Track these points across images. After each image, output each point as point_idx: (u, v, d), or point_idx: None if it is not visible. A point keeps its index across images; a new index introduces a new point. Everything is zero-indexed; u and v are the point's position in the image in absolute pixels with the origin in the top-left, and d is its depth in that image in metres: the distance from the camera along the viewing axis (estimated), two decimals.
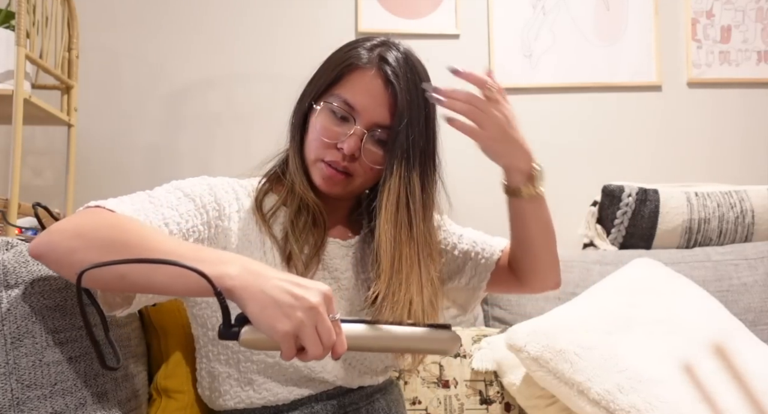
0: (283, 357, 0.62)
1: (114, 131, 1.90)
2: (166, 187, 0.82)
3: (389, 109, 0.83)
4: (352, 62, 0.84)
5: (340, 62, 0.85)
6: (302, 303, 0.61)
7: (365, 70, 0.84)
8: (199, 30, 1.94)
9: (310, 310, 0.61)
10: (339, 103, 0.83)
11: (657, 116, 2.01)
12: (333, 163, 0.84)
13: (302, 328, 0.60)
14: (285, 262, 0.83)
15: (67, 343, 0.74)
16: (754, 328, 1.33)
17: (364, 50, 0.85)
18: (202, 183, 0.84)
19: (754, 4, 2.04)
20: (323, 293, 0.63)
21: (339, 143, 0.83)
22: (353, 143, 0.82)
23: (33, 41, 1.56)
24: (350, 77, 0.84)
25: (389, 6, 1.96)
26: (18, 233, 1.27)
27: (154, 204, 0.76)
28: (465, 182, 1.94)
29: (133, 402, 0.86)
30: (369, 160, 0.84)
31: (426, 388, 1.20)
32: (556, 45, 1.99)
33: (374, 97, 0.83)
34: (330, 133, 0.83)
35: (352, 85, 0.83)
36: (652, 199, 1.57)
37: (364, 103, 0.83)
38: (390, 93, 0.83)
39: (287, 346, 0.61)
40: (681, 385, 1.01)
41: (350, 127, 0.83)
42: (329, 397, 0.86)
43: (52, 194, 1.86)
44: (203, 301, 0.84)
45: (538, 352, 1.05)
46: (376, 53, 0.85)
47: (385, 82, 0.83)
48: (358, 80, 0.83)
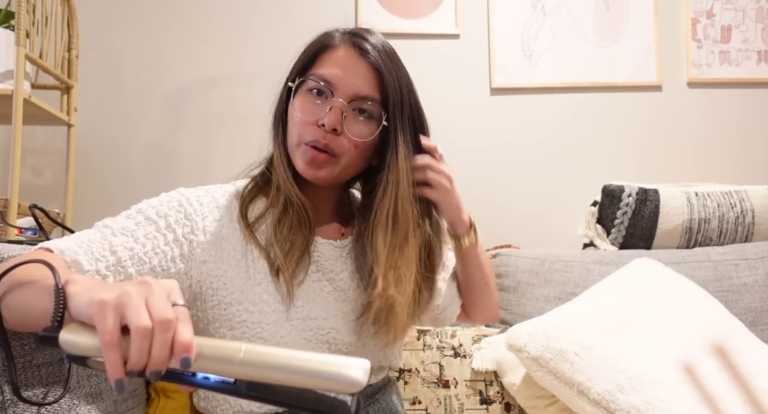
0: (103, 344, 0.48)
1: (114, 131, 1.90)
2: (128, 212, 0.81)
3: (367, 80, 0.83)
4: (325, 43, 0.85)
5: (313, 47, 0.86)
6: (133, 282, 0.53)
7: (338, 47, 0.84)
8: (200, 30, 1.94)
9: (141, 283, 0.52)
10: (315, 79, 0.83)
11: (657, 116, 2.01)
12: (315, 143, 0.81)
13: (126, 298, 0.49)
14: (274, 274, 0.81)
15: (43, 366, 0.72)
16: (754, 328, 1.32)
17: (337, 32, 0.86)
18: (172, 200, 0.83)
19: (754, 4, 2.04)
20: (166, 281, 0.55)
21: (320, 120, 0.81)
22: (334, 116, 0.80)
23: (33, 41, 1.56)
24: (324, 56, 0.84)
25: (389, 6, 1.96)
26: (18, 233, 1.27)
27: (104, 234, 0.75)
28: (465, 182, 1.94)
29: (130, 402, 0.86)
30: (353, 134, 0.82)
31: (426, 388, 1.20)
32: (556, 45, 1.99)
33: (349, 69, 0.82)
34: (309, 110, 0.82)
35: (325, 62, 0.84)
36: (652, 199, 1.57)
37: (339, 75, 0.82)
38: (366, 63, 0.83)
39: (106, 320, 0.48)
40: (681, 385, 1.00)
41: (329, 101, 0.82)
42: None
43: (52, 194, 1.86)
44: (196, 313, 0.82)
45: (538, 352, 1.05)
46: (348, 32, 0.86)
47: (359, 54, 0.83)
48: (332, 56, 0.84)
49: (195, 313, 0.82)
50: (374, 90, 0.83)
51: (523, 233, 1.91)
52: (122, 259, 0.73)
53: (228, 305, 0.80)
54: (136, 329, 0.48)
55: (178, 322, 0.50)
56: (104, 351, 0.48)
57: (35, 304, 0.59)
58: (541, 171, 1.97)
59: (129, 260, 0.74)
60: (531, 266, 1.45)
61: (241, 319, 0.80)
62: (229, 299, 0.80)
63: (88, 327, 0.51)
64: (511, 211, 1.94)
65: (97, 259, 0.72)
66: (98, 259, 0.72)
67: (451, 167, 0.93)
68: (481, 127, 1.97)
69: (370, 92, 0.82)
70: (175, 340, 0.49)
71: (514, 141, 1.98)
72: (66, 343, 0.51)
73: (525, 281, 1.43)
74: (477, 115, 1.98)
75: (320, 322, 0.83)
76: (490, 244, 1.73)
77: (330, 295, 0.85)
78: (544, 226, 1.94)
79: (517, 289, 1.42)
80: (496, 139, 1.97)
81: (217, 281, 0.80)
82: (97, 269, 0.71)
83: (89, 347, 0.51)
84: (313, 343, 0.82)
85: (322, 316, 0.83)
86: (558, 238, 1.92)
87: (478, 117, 1.97)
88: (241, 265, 0.82)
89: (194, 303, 0.81)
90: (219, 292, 0.80)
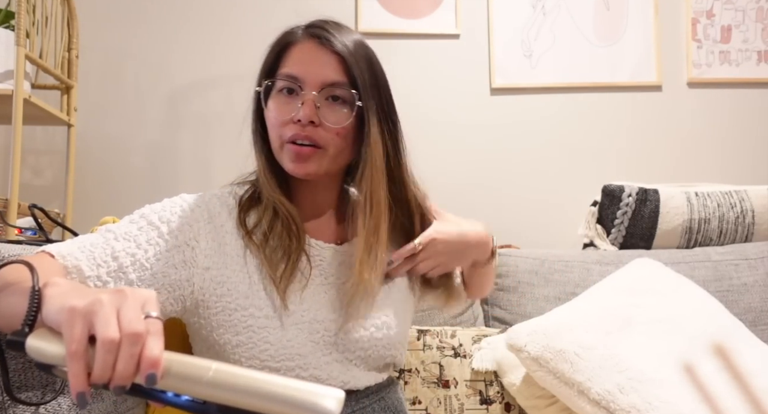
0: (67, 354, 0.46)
1: (114, 131, 1.90)
2: (131, 217, 0.81)
3: (332, 66, 0.83)
4: (285, 41, 0.86)
5: (274, 48, 0.87)
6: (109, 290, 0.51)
7: (298, 42, 0.85)
8: (200, 30, 1.94)
9: (116, 292, 0.50)
10: (283, 79, 0.84)
11: (657, 116, 2.01)
12: (295, 137, 0.81)
13: (96, 306, 0.47)
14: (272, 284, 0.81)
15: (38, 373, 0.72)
16: (754, 328, 1.33)
17: (297, 29, 0.87)
18: (174, 206, 0.83)
19: (754, 4, 2.04)
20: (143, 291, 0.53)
21: (295, 116, 0.81)
22: (308, 109, 0.80)
23: (33, 41, 1.56)
24: (286, 55, 0.85)
25: (389, 6, 1.96)
26: (18, 233, 1.27)
27: (106, 238, 0.75)
28: (465, 183, 1.95)
29: (130, 402, 0.86)
30: (331, 122, 0.82)
31: (426, 388, 1.20)
32: (556, 45, 1.99)
33: (313, 60, 0.83)
34: (283, 110, 0.83)
35: (289, 60, 0.84)
36: (652, 199, 1.57)
37: (303, 68, 0.83)
38: (328, 51, 0.83)
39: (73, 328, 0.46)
40: (681, 385, 1.00)
41: (300, 96, 0.82)
42: None
43: (52, 194, 1.86)
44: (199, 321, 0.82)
45: (538, 352, 1.05)
46: (303, 26, 0.87)
47: (319, 43, 0.84)
48: (295, 53, 0.85)
49: (197, 320, 0.81)
50: (341, 74, 0.83)
51: (523, 233, 1.91)
52: (124, 266, 0.73)
53: (233, 311, 0.80)
54: (102, 341, 0.46)
55: (148, 335, 0.47)
56: (69, 361, 0.46)
57: (18, 305, 0.57)
58: (541, 171, 1.97)
59: (131, 266, 0.73)
60: (531, 266, 1.45)
61: (247, 325, 0.79)
62: (234, 305, 0.80)
63: (58, 334, 0.49)
64: (511, 211, 1.94)
65: (98, 264, 0.71)
66: (100, 265, 0.72)
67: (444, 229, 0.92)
68: (481, 127, 1.97)
69: (338, 77, 0.83)
70: (142, 355, 0.46)
71: (514, 141, 1.98)
72: (32, 349, 0.49)
73: (525, 281, 1.43)
74: (477, 115, 1.98)
75: (327, 324, 0.83)
76: None
77: (335, 300, 0.85)
78: (544, 226, 1.94)
79: (517, 289, 1.42)
80: (496, 139, 1.97)
81: (221, 287, 0.80)
82: (98, 275, 0.71)
83: (54, 355, 0.49)
84: (321, 345, 0.82)
85: (329, 319, 0.83)
86: (558, 238, 1.92)
87: (478, 117, 1.97)
88: (244, 271, 0.82)
89: (196, 310, 0.81)
90: (223, 298, 0.80)
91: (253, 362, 0.79)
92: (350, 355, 0.84)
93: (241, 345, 0.79)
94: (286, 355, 0.79)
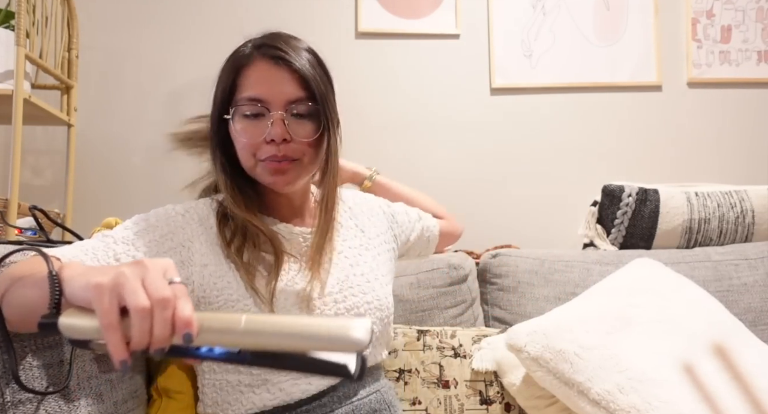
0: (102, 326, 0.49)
1: (114, 131, 1.90)
2: (125, 224, 0.85)
3: (291, 83, 0.85)
4: (238, 64, 0.87)
5: (228, 72, 0.88)
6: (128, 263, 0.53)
7: (252, 64, 0.86)
8: (199, 30, 1.94)
9: (135, 264, 0.52)
10: (246, 103, 0.85)
11: (657, 116, 2.01)
12: (272, 157, 0.85)
13: (122, 279, 0.50)
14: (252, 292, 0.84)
15: (56, 347, 0.73)
16: (754, 328, 1.32)
17: (245, 49, 0.88)
18: (166, 213, 0.87)
19: (754, 4, 2.04)
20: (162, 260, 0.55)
21: (267, 137, 0.84)
22: (279, 129, 0.83)
23: (33, 41, 1.56)
24: (243, 78, 0.86)
25: (389, 6, 1.96)
26: (18, 233, 1.27)
27: (106, 243, 0.79)
28: (465, 183, 1.95)
29: (131, 403, 0.86)
30: (302, 136, 0.85)
31: (426, 388, 1.20)
32: (556, 45, 1.99)
33: (272, 79, 0.84)
34: (252, 133, 0.85)
35: (248, 82, 0.85)
36: (652, 199, 1.57)
37: (266, 89, 0.84)
38: (284, 69, 0.85)
39: (103, 302, 0.49)
40: (681, 385, 1.00)
41: (268, 117, 0.84)
42: (334, 388, 0.87)
43: (52, 194, 1.86)
44: None
45: (538, 352, 1.05)
46: (250, 46, 0.88)
47: (274, 63, 0.85)
48: (252, 75, 0.85)
49: None
50: (301, 90, 0.85)
51: (523, 233, 1.91)
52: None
53: (236, 302, 0.82)
54: (135, 310, 0.48)
55: (177, 299, 0.50)
56: (105, 333, 0.49)
57: (33, 295, 0.60)
58: (541, 171, 1.97)
59: None
60: (531, 266, 1.45)
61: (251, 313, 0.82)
62: (236, 296, 0.83)
63: (87, 311, 0.52)
64: (511, 211, 1.94)
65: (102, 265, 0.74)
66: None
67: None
68: (481, 127, 1.97)
69: (299, 94, 0.85)
70: (175, 317, 0.49)
71: (514, 141, 1.98)
72: (66, 327, 0.51)
73: (525, 281, 1.43)
74: (477, 115, 1.98)
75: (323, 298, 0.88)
76: (491, 244, 1.73)
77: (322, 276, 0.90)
78: (544, 226, 1.94)
79: (517, 289, 1.42)
80: (496, 139, 1.97)
81: (221, 281, 0.83)
82: None
83: (89, 330, 0.51)
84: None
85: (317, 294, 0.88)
86: (558, 238, 1.92)
87: (478, 117, 1.97)
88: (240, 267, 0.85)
89: (198, 307, 0.83)
90: (224, 291, 0.83)
91: None
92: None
93: None
94: None
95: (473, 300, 1.42)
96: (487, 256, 1.51)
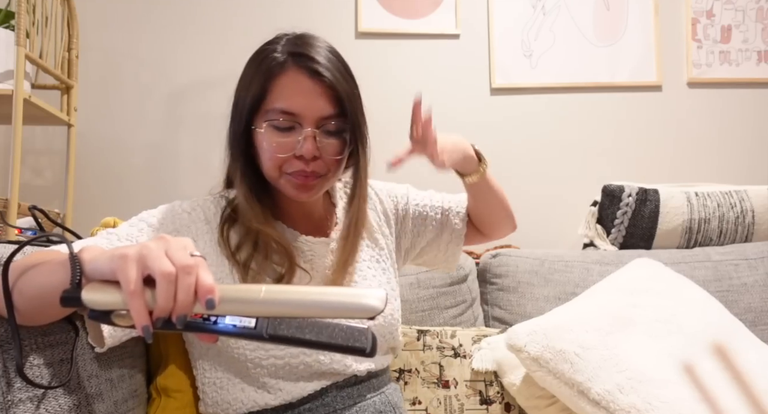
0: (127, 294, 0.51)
1: (114, 131, 1.90)
2: (130, 222, 0.85)
3: (325, 99, 0.83)
4: (269, 71, 0.83)
5: (260, 75, 0.84)
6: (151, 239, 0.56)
7: (286, 72, 0.82)
8: (199, 30, 1.94)
9: (158, 239, 0.55)
10: (279, 115, 0.82)
11: (657, 116, 2.01)
12: (300, 172, 0.83)
13: (146, 250, 0.52)
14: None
15: (57, 345, 0.73)
16: (754, 328, 1.33)
17: (277, 54, 0.84)
18: (171, 210, 0.87)
19: (754, 4, 2.04)
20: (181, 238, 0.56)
21: (296, 152, 0.82)
22: (310, 146, 0.82)
23: (33, 41, 1.56)
24: (275, 85, 0.82)
25: (389, 6, 1.96)
26: (18, 233, 1.27)
27: (110, 240, 0.80)
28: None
29: (131, 402, 0.86)
30: (330, 154, 0.84)
31: (426, 388, 1.20)
32: (556, 45, 1.99)
33: (308, 95, 0.82)
34: (283, 147, 0.83)
35: (281, 93, 0.82)
36: (652, 199, 1.57)
37: (302, 104, 0.82)
38: (319, 83, 0.82)
39: (128, 271, 0.51)
40: (681, 385, 1.00)
41: (299, 132, 0.82)
42: (339, 387, 0.87)
43: (52, 194, 1.86)
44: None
45: (538, 352, 1.05)
46: (283, 50, 0.84)
47: (309, 75, 0.82)
48: (285, 85, 0.82)
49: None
50: (334, 106, 0.83)
51: (523, 233, 1.90)
52: None
53: None
54: (161, 274, 0.50)
55: (198, 268, 0.52)
56: (129, 300, 0.50)
57: (48, 281, 0.60)
58: (541, 171, 1.97)
59: None
60: (531, 266, 1.45)
61: None
62: None
63: (109, 283, 0.53)
64: None
65: None
66: None
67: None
68: (481, 127, 1.97)
69: (332, 110, 0.83)
70: (198, 284, 0.51)
71: (514, 141, 1.98)
72: (89, 299, 0.53)
73: (525, 281, 1.43)
74: (477, 115, 1.97)
75: None
76: (491, 244, 1.73)
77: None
78: (544, 226, 1.94)
79: (517, 289, 1.42)
80: (496, 139, 1.97)
81: (221, 283, 0.82)
82: None
83: (112, 301, 0.53)
84: None
85: None
86: (558, 238, 1.92)
87: (478, 117, 1.97)
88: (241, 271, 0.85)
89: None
90: None
91: (259, 353, 0.82)
92: None
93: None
94: None
95: (473, 300, 1.42)
96: (487, 256, 1.51)
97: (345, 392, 0.87)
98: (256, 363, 0.82)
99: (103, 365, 0.80)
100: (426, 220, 1.08)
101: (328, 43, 0.88)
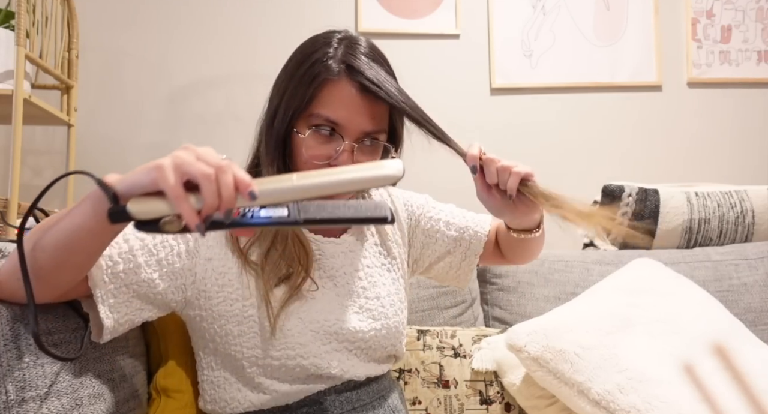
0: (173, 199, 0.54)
1: (114, 131, 1.90)
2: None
3: (371, 115, 0.83)
4: (323, 77, 0.81)
5: (310, 78, 0.82)
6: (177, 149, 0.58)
7: (337, 82, 0.81)
8: (199, 30, 1.94)
9: (183, 148, 0.57)
10: (323, 122, 0.82)
11: (657, 116, 2.01)
12: None
13: (179, 158, 0.55)
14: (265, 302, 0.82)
15: (61, 344, 0.73)
16: (754, 328, 1.32)
17: (331, 62, 0.82)
18: None
19: (754, 4, 2.04)
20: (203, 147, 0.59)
21: (332, 161, 0.82)
22: (346, 159, 0.82)
23: (33, 41, 1.56)
24: (324, 92, 0.82)
25: (389, 6, 1.96)
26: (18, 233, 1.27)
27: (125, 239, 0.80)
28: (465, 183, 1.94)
29: (132, 402, 0.86)
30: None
31: (426, 388, 1.20)
32: (556, 45, 1.99)
33: (354, 108, 0.82)
34: (321, 154, 0.83)
35: (329, 101, 0.81)
36: (652, 199, 1.57)
37: (346, 116, 0.81)
38: (369, 98, 0.82)
39: (168, 179, 0.54)
40: (681, 385, 1.00)
41: (338, 142, 0.82)
42: (338, 391, 0.86)
43: (52, 194, 1.85)
44: (200, 313, 0.83)
45: (538, 352, 1.05)
46: (337, 58, 0.82)
47: (359, 90, 0.81)
48: (335, 94, 0.81)
49: (198, 312, 0.83)
50: (380, 123, 0.84)
51: None
52: (134, 248, 0.76)
53: (234, 301, 0.82)
54: (203, 176, 0.53)
55: (233, 166, 0.55)
56: (177, 204, 0.54)
57: (75, 221, 0.62)
58: (541, 171, 1.95)
59: (139, 250, 0.76)
60: (531, 266, 1.45)
61: (248, 315, 0.82)
62: (235, 295, 0.82)
63: (149, 195, 0.57)
64: None
65: (110, 245, 0.73)
66: (111, 246, 0.74)
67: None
68: (481, 127, 1.97)
69: (376, 127, 0.83)
70: (236, 179, 0.54)
71: (513, 141, 1.98)
72: (136, 210, 0.56)
73: (525, 281, 1.43)
74: (477, 115, 1.98)
75: (325, 314, 0.85)
76: None
77: (331, 291, 0.88)
78: (544, 226, 1.94)
79: (517, 289, 1.42)
80: (496, 139, 1.97)
81: (222, 278, 0.82)
82: (110, 254, 0.74)
83: (158, 209, 0.56)
84: (321, 335, 0.84)
85: (326, 310, 0.85)
86: (558, 238, 1.92)
87: (478, 117, 1.97)
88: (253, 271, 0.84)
89: (197, 301, 0.82)
90: (225, 288, 0.82)
91: (256, 352, 0.82)
92: (350, 345, 0.86)
93: (243, 335, 0.82)
94: (287, 344, 0.82)
95: (473, 300, 1.42)
96: None
97: (344, 397, 0.87)
98: (252, 362, 0.82)
99: (105, 365, 0.80)
100: (437, 234, 1.04)
101: (379, 50, 0.89)
